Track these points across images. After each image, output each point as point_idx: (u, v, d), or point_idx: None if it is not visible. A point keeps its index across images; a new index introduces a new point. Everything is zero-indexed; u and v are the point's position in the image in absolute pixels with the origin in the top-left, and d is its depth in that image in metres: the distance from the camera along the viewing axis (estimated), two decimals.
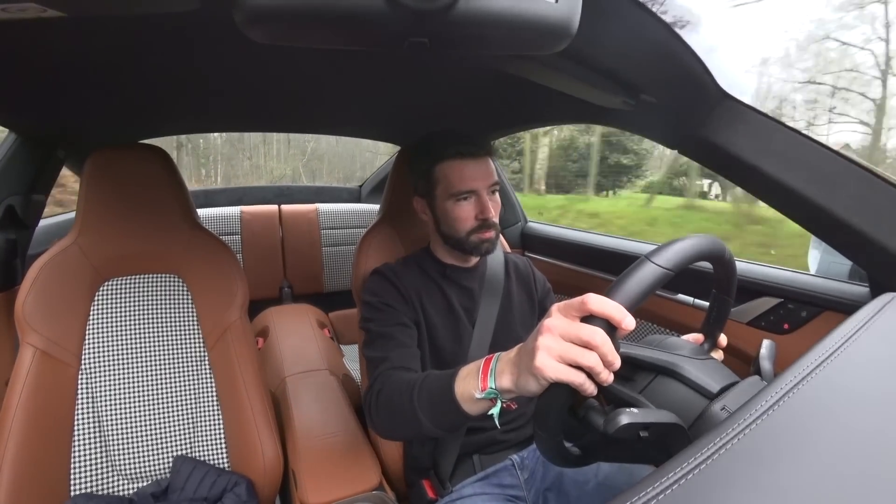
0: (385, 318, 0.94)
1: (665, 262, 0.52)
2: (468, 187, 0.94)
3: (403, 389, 0.75)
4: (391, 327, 0.92)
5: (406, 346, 0.90)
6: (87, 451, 0.96)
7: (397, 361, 0.86)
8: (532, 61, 0.75)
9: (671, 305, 1.28)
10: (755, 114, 0.83)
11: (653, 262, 0.52)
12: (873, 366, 0.52)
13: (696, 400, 0.57)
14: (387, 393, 0.79)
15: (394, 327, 0.92)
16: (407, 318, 0.95)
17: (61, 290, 0.99)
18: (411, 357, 0.88)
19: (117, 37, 0.68)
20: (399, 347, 0.89)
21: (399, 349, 0.89)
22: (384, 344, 0.90)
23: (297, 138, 9.48)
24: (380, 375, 0.84)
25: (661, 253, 0.53)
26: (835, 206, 0.77)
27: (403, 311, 0.95)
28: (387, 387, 0.80)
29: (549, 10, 0.46)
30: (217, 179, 9.68)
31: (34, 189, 1.18)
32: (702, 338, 0.75)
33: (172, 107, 1.17)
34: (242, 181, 9.50)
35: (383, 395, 0.80)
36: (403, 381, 0.76)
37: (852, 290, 0.97)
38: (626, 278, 0.51)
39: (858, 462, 0.38)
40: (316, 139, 9.28)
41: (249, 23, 0.43)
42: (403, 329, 0.93)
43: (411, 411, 0.71)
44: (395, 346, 0.89)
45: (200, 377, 1.08)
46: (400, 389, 0.76)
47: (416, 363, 0.88)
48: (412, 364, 0.87)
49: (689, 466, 0.36)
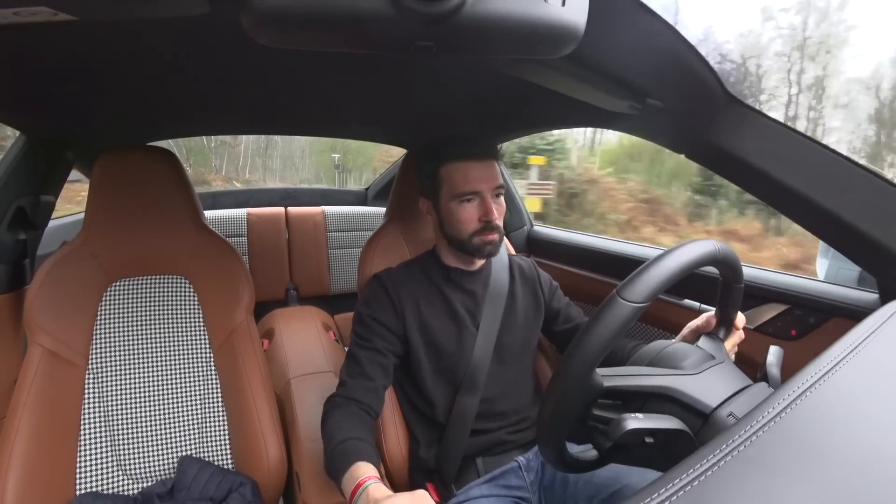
0: (366, 337, 0.96)
1: (636, 297, 0.54)
2: (472, 188, 0.94)
3: (332, 432, 0.83)
4: (364, 351, 0.95)
5: (368, 378, 0.93)
6: (94, 450, 0.97)
7: (351, 392, 0.90)
8: (538, 65, 0.75)
9: (677, 310, 1.27)
10: (763, 118, 0.83)
11: (623, 300, 0.54)
12: (882, 373, 0.51)
13: (691, 420, 0.56)
14: (327, 421, 0.87)
15: (367, 352, 0.95)
16: (390, 335, 0.97)
17: (70, 290, 1.00)
18: (367, 391, 0.91)
19: (126, 40, 0.69)
20: (360, 377, 0.93)
21: (359, 379, 0.92)
22: (351, 369, 0.95)
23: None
24: (335, 398, 0.91)
25: (630, 287, 0.55)
26: (843, 212, 0.76)
27: (389, 324, 0.97)
28: (330, 416, 0.87)
29: (556, 14, 0.46)
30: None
31: (44, 190, 1.20)
32: (714, 321, 0.75)
33: (180, 109, 1.18)
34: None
35: (326, 418, 0.88)
36: (335, 425, 0.84)
37: (861, 297, 0.96)
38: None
39: (866, 470, 0.37)
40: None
41: (257, 27, 0.44)
42: (374, 355, 0.95)
43: (326, 447, 0.82)
44: (358, 374, 0.93)
45: (206, 378, 1.09)
46: (331, 428, 0.84)
47: (370, 396, 0.91)
48: (365, 398, 0.90)
49: (696, 472, 0.35)
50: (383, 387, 0.95)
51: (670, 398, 0.58)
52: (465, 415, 0.96)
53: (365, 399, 0.90)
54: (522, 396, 1.04)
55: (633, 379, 0.59)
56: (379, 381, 0.93)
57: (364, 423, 0.87)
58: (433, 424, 0.99)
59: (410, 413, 1.04)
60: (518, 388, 1.04)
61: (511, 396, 1.02)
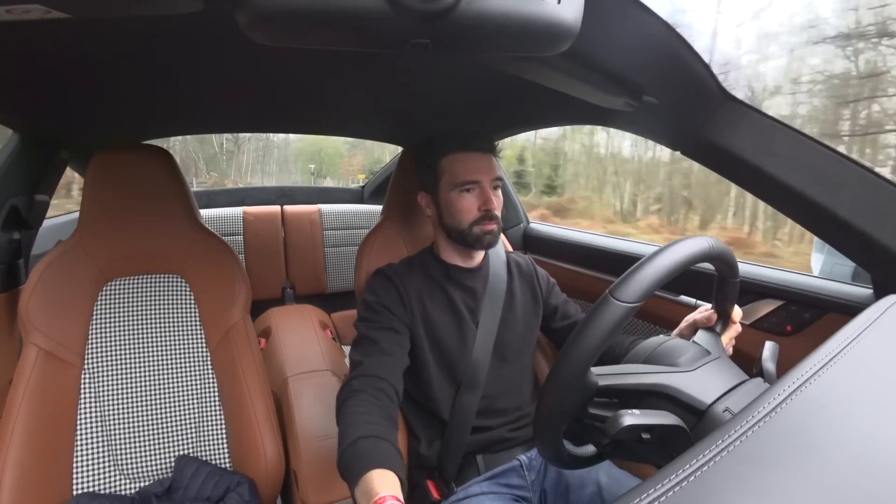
0: (377, 319, 0.94)
1: (629, 297, 0.54)
2: (472, 178, 0.96)
3: (345, 426, 0.76)
4: (379, 331, 0.93)
5: (386, 354, 0.89)
6: (90, 450, 0.97)
7: (370, 369, 0.86)
8: (534, 62, 0.75)
9: (673, 306, 1.28)
10: (758, 115, 0.83)
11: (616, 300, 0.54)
12: (877, 368, 0.52)
13: (686, 416, 0.57)
14: (341, 414, 0.80)
15: (381, 331, 0.92)
16: (400, 322, 0.95)
17: (65, 290, 0.99)
18: (389, 366, 0.88)
19: (120, 38, 0.69)
20: (378, 354, 0.89)
21: (377, 356, 0.89)
22: (366, 348, 0.90)
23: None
24: (351, 382, 0.85)
25: (622, 287, 0.55)
26: (838, 208, 0.76)
27: (399, 314, 0.96)
28: (344, 407, 0.80)
29: (552, 11, 0.46)
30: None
31: (38, 189, 1.19)
32: (714, 316, 0.75)
33: (175, 108, 1.17)
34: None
35: (340, 410, 0.81)
36: (349, 418, 0.77)
37: (856, 293, 0.96)
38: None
39: (862, 464, 0.38)
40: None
41: (252, 24, 0.44)
42: (390, 335, 0.93)
43: (339, 445, 0.74)
44: (375, 351, 0.89)
45: (203, 377, 1.09)
46: (345, 422, 0.77)
47: (392, 372, 0.87)
48: (387, 374, 0.86)
49: (692, 468, 0.35)
50: (403, 365, 0.91)
51: (666, 395, 0.58)
52: (466, 412, 0.96)
53: (386, 375, 0.85)
54: (522, 393, 1.05)
55: (628, 377, 0.60)
56: (398, 358, 0.90)
57: (384, 411, 0.80)
58: (434, 422, 0.99)
59: (411, 410, 1.04)
60: (518, 385, 1.04)
61: (511, 394, 1.02)
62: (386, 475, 0.66)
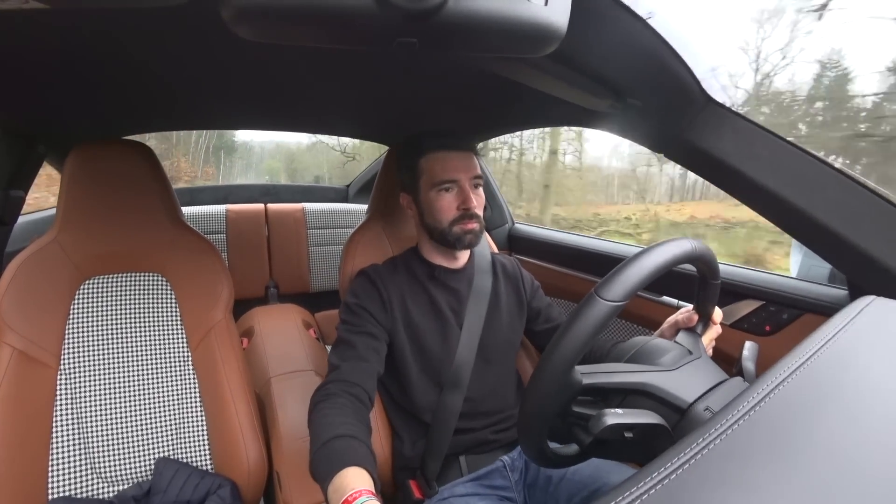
0: (356, 323, 0.95)
1: (614, 295, 0.55)
2: (450, 177, 0.96)
3: (318, 429, 0.76)
4: (357, 335, 0.93)
5: (362, 360, 0.90)
6: (66, 453, 0.94)
7: (345, 374, 0.86)
8: (520, 63, 0.75)
9: (655, 307, 1.29)
10: (740, 119, 0.85)
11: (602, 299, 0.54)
12: (852, 367, 0.53)
13: (669, 415, 0.58)
14: (313, 416, 0.80)
15: (359, 336, 0.93)
16: (379, 326, 0.96)
17: (41, 288, 0.97)
18: (363, 372, 0.88)
19: (100, 30, 0.67)
20: (354, 359, 0.89)
21: (353, 361, 0.89)
22: (344, 352, 0.91)
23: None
24: (327, 385, 0.85)
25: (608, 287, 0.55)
26: (815, 211, 0.78)
27: (379, 317, 0.96)
28: (317, 410, 0.80)
29: (539, 13, 0.46)
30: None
31: (13, 185, 1.16)
32: (696, 317, 0.76)
33: (157, 103, 1.15)
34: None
35: (313, 413, 0.81)
36: (322, 420, 0.78)
37: (832, 294, 0.99)
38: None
39: (838, 460, 0.39)
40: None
41: (237, 19, 0.43)
42: (368, 340, 0.93)
43: (312, 446, 0.74)
44: (352, 356, 0.90)
45: (183, 378, 1.07)
46: (317, 424, 0.77)
47: (366, 379, 0.87)
48: (361, 379, 0.86)
49: (673, 466, 0.36)
50: (377, 372, 0.92)
51: (648, 394, 0.59)
52: (449, 414, 0.96)
53: (360, 381, 0.86)
54: (506, 396, 1.05)
55: (612, 376, 0.60)
56: (374, 364, 0.91)
57: (358, 414, 0.80)
58: (417, 423, 0.99)
59: (394, 411, 1.03)
60: (502, 387, 1.05)
61: (495, 396, 1.02)
62: (360, 472, 0.66)
